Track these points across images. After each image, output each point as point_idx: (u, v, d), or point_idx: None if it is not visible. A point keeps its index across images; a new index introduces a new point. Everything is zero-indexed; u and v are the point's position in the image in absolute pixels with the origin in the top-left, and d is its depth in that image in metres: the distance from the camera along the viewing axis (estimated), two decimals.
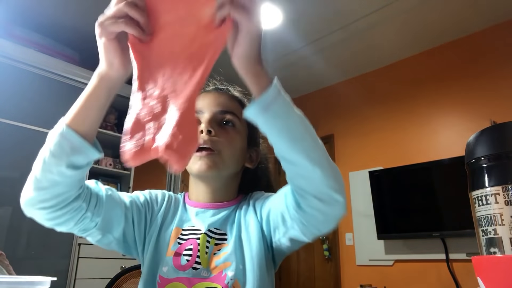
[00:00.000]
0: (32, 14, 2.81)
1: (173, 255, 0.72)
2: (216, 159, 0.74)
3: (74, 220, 0.64)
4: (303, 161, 0.55)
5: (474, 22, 2.87)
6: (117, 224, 0.71)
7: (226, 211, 0.78)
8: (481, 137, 0.52)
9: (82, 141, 0.57)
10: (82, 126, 0.58)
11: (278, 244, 0.72)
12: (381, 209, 3.05)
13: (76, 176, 0.60)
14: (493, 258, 0.45)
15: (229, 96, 0.84)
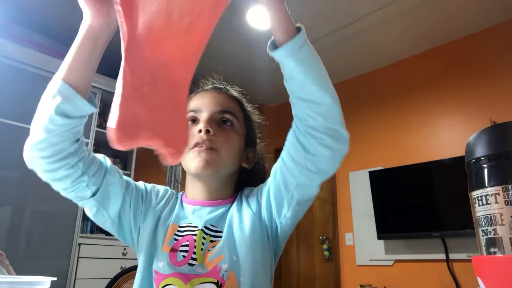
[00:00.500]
0: (32, 14, 2.81)
1: (169, 251, 0.72)
2: (214, 157, 0.75)
3: (70, 179, 0.66)
4: (325, 98, 0.61)
5: (474, 22, 2.87)
6: (114, 201, 0.72)
7: (222, 208, 0.78)
8: (481, 137, 0.52)
9: (74, 92, 0.60)
10: (70, 76, 0.61)
11: (284, 223, 0.73)
12: (381, 209, 3.05)
13: (67, 125, 0.61)
14: (493, 258, 0.45)
15: (227, 96, 0.84)
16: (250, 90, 0.95)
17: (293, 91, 0.63)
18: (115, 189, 0.73)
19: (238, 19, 2.84)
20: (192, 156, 0.75)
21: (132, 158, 3.15)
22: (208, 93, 0.84)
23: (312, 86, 0.60)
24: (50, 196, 2.60)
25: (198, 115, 0.79)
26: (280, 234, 0.75)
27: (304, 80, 0.60)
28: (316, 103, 0.61)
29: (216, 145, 0.75)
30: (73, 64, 0.62)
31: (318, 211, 3.67)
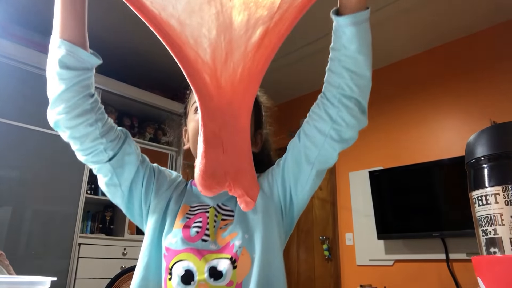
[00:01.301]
0: (32, 14, 2.81)
1: (182, 228, 0.73)
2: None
3: (89, 138, 0.69)
4: (368, 72, 0.68)
5: (474, 22, 2.87)
6: (128, 171, 0.74)
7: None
8: (481, 137, 0.52)
9: (70, 44, 0.65)
10: (65, 32, 0.65)
11: (301, 197, 0.76)
12: (381, 209, 3.05)
13: (73, 78, 0.65)
14: (493, 258, 0.45)
15: None
16: None
17: (341, 59, 0.68)
18: (131, 159, 0.75)
19: None
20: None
21: None
22: None
23: (362, 58, 0.66)
24: (50, 196, 2.61)
25: None
26: (296, 209, 0.78)
27: (358, 51, 0.66)
28: (360, 75, 0.67)
29: None
30: (62, 20, 0.65)
31: (318, 211, 3.67)
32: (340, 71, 0.68)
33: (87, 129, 0.69)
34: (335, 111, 0.69)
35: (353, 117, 0.68)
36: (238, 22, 0.57)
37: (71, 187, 2.69)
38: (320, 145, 0.71)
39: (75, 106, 0.67)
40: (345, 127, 0.69)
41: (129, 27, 2.88)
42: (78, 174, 2.73)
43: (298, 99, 4.02)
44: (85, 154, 0.72)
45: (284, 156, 0.79)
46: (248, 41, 0.59)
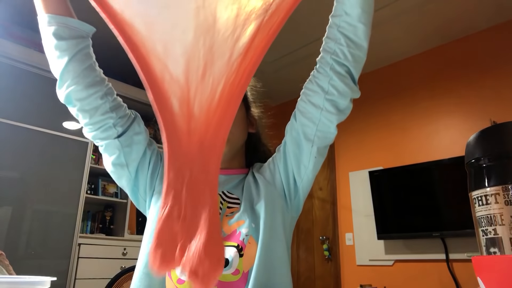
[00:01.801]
0: (32, 14, 2.80)
1: None
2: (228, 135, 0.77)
3: (99, 111, 0.69)
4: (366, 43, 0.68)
5: (474, 22, 2.87)
6: (136, 151, 0.74)
7: (236, 178, 0.80)
8: (481, 137, 0.52)
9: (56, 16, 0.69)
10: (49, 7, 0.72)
11: (305, 179, 0.75)
12: (381, 209, 3.05)
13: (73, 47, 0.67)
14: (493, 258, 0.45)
15: None
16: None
17: (340, 25, 0.68)
18: (140, 138, 0.75)
19: None
20: None
21: None
22: None
23: (362, 28, 0.66)
24: (50, 196, 2.61)
25: None
26: (302, 191, 0.78)
27: (359, 18, 0.66)
28: (357, 45, 0.67)
29: None
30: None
31: (318, 211, 3.67)
32: (338, 37, 0.68)
33: (97, 102, 0.69)
34: (326, 80, 0.69)
35: (345, 85, 0.69)
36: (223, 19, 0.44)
37: (71, 187, 2.69)
38: (317, 120, 0.71)
39: (83, 76, 0.68)
40: (337, 96, 0.69)
41: None
42: (78, 174, 2.73)
43: (297, 99, 4.01)
44: (94, 129, 0.71)
45: (283, 140, 0.79)
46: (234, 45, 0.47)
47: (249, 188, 0.77)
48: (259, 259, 0.66)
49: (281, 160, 0.77)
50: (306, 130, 0.72)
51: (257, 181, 0.78)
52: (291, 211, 0.78)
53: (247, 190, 0.77)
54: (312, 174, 0.75)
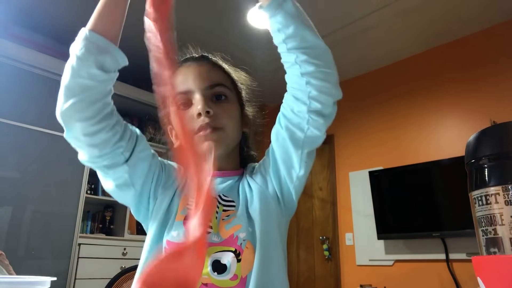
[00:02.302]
0: (32, 14, 2.81)
1: (183, 219, 0.70)
2: (222, 135, 0.74)
3: (109, 143, 0.66)
4: (319, 42, 0.66)
5: (474, 22, 2.87)
6: (141, 169, 0.71)
7: (231, 179, 0.78)
8: (481, 137, 0.52)
9: (108, 41, 0.62)
10: (105, 29, 0.62)
11: (297, 183, 0.74)
12: (381, 209, 3.05)
13: (106, 80, 0.62)
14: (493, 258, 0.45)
15: (210, 65, 0.81)
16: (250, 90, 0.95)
17: (286, 42, 0.66)
18: (144, 156, 0.72)
19: (238, 19, 2.84)
20: (200, 140, 0.73)
21: None
22: (189, 68, 0.79)
23: (306, 32, 0.65)
24: (50, 196, 2.61)
25: (189, 97, 0.76)
26: (295, 193, 0.76)
27: (297, 28, 0.64)
28: (313, 47, 0.65)
29: (219, 123, 0.74)
30: (107, 16, 0.64)
31: (318, 211, 3.67)
32: (292, 53, 0.66)
33: (107, 134, 0.65)
34: (304, 93, 0.67)
35: (326, 94, 0.67)
36: None
37: (71, 187, 2.69)
38: (305, 128, 0.70)
39: (100, 110, 0.63)
40: (320, 107, 0.68)
41: (129, 27, 2.87)
42: (78, 174, 2.73)
43: None
44: (103, 159, 0.67)
45: (270, 145, 0.77)
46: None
47: (244, 191, 0.77)
48: (257, 264, 0.66)
49: (270, 166, 0.76)
50: (293, 136, 0.71)
51: (252, 187, 0.77)
52: (285, 213, 0.77)
53: (243, 194, 0.76)
54: (304, 177, 0.75)
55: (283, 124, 0.72)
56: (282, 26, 0.65)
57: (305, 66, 0.65)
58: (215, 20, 2.90)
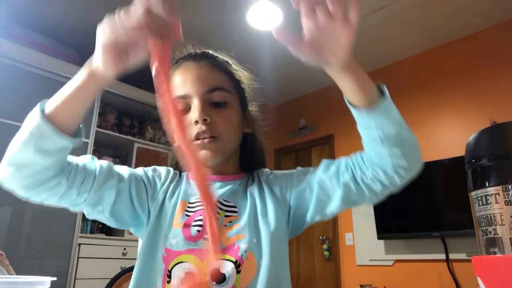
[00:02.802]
0: (32, 14, 2.81)
1: (182, 227, 0.68)
2: (220, 144, 0.72)
3: (55, 197, 0.64)
4: (412, 138, 0.67)
5: (474, 22, 2.87)
6: (107, 197, 0.68)
7: (232, 184, 0.76)
8: (481, 137, 0.52)
9: (53, 129, 0.57)
10: (64, 116, 0.59)
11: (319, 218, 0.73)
12: (381, 209, 3.05)
13: (47, 160, 0.59)
14: (493, 258, 0.45)
15: (211, 66, 0.77)
16: None
17: (382, 140, 0.64)
18: (109, 185, 0.68)
19: (238, 19, 2.84)
20: (197, 148, 0.72)
21: (132, 158, 3.14)
22: (188, 70, 0.75)
23: (405, 133, 0.66)
24: None
25: (187, 101, 0.73)
26: (309, 223, 0.75)
27: (399, 131, 0.65)
28: (408, 145, 0.66)
29: (217, 131, 0.71)
30: (71, 105, 0.59)
31: None
32: (385, 149, 0.65)
33: (48, 193, 0.63)
34: (389, 179, 0.67)
35: (409, 179, 0.67)
36: None
37: None
38: (354, 199, 0.71)
39: (37, 180, 0.60)
40: (399, 186, 0.68)
41: None
42: None
43: (298, 99, 4.01)
44: (57, 203, 0.67)
45: (311, 173, 0.75)
46: None
47: (253, 199, 0.74)
48: (264, 282, 0.64)
49: (298, 190, 0.73)
50: (340, 197, 0.70)
51: (264, 194, 0.75)
52: (291, 230, 0.76)
53: (252, 201, 0.74)
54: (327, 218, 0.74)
55: (334, 182, 0.71)
56: (382, 125, 0.64)
57: (398, 160, 0.65)
58: (215, 20, 2.90)
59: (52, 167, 0.60)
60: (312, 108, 3.89)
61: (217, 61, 0.78)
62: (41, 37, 2.85)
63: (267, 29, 2.93)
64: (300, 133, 3.91)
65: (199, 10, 2.76)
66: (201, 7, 2.73)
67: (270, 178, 0.79)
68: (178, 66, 0.78)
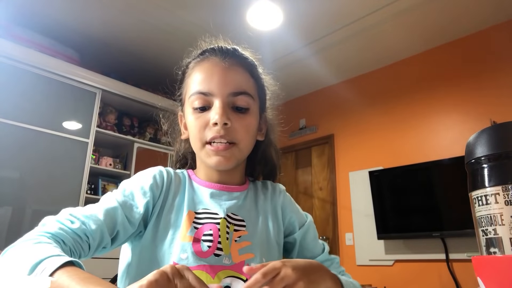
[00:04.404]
0: (32, 14, 2.81)
1: (192, 241, 0.64)
2: (235, 151, 0.69)
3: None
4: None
5: (474, 22, 2.87)
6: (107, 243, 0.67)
7: (238, 195, 0.74)
8: (481, 137, 0.52)
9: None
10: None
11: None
12: (381, 209, 3.05)
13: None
14: (493, 258, 0.45)
15: (239, 67, 0.72)
16: None
17: None
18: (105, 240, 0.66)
19: (238, 19, 2.84)
20: (210, 152, 0.68)
21: (132, 158, 3.15)
22: (215, 67, 0.70)
23: None
24: (50, 196, 2.61)
25: (209, 99, 0.68)
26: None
27: None
28: None
29: (235, 138, 0.68)
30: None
31: (318, 211, 3.67)
32: None
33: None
34: None
35: None
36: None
37: (71, 187, 2.69)
38: None
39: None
40: None
41: (129, 27, 2.88)
42: (78, 174, 2.73)
43: (298, 99, 4.02)
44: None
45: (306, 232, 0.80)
46: None
47: (266, 218, 0.73)
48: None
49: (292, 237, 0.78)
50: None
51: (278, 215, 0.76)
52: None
53: (264, 220, 0.73)
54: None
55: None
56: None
57: None
58: (215, 20, 2.90)
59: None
60: (312, 108, 3.89)
61: (246, 63, 0.74)
62: (41, 37, 2.85)
63: (267, 29, 2.93)
64: (300, 133, 3.91)
65: (199, 10, 2.76)
66: (201, 7, 2.73)
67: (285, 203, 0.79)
68: (203, 59, 0.73)
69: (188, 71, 0.75)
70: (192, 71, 0.73)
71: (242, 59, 0.74)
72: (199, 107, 0.69)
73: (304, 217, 0.80)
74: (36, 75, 2.64)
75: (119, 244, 0.69)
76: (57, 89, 2.72)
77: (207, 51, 0.74)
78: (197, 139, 0.70)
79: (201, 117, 0.69)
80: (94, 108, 2.88)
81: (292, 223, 0.76)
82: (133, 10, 2.69)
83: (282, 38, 3.03)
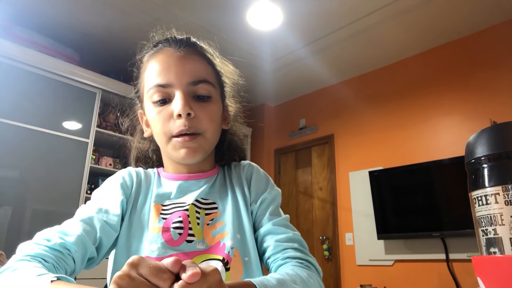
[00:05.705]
0: (32, 14, 2.81)
1: (162, 231, 0.64)
2: (202, 141, 0.67)
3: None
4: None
5: (474, 22, 2.87)
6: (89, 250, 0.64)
7: (207, 180, 0.73)
8: (481, 137, 0.52)
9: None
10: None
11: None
12: (381, 209, 3.05)
13: None
14: (493, 258, 0.45)
15: (195, 55, 0.70)
16: (251, 90, 0.93)
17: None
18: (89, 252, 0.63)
19: (238, 19, 2.84)
20: (177, 145, 0.67)
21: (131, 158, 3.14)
22: (172, 58, 0.68)
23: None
24: (50, 196, 2.61)
25: (168, 91, 0.66)
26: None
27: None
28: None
29: (200, 127, 0.67)
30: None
31: (318, 211, 3.67)
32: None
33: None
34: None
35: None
36: None
37: (71, 187, 2.69)
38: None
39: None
40: None
41: (129, 27, 2.88)
42: (78, 174, 2.73)
43: (298, 99, 4.02)
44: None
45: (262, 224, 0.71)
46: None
47: (235, 194, 0.72)
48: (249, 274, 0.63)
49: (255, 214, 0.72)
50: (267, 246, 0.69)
51: (244, 188, 0.73)
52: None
53: (233, 196, 0.72)
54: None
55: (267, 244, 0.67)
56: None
57: None
58: (215, 20, 2.90)
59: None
60: (312, 108, 3.89)
61: (203, 51, 0.72)
62: (41, 37, 2.85)
63: (267, 29, 2.93)
64: (300, 133, 3.91)
65: (199, 10, 2.76)
66: (201, 7, 2.73)
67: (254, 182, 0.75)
68: (157, 50, 0.71)
69: (142, 65, 0.74)
70: (147, 65, 0.71)
71: (197, 47, 0.72)
72: (159, 100, 0.67)
73: (265, 187, 0.75)
74: (36, 75, 2.64)
75: (106, 252, 0.65)
76: (57, 89, 2.72)
77: (160, 42, 0.72)
78: (161, 133, 0.68)
79: (163, 110, 0.67)
80: (94, 108, 2.88)
81: (256, 192, 0.74)
82: (133, 10, 2.69)
83: (282, 38, 3.03)
